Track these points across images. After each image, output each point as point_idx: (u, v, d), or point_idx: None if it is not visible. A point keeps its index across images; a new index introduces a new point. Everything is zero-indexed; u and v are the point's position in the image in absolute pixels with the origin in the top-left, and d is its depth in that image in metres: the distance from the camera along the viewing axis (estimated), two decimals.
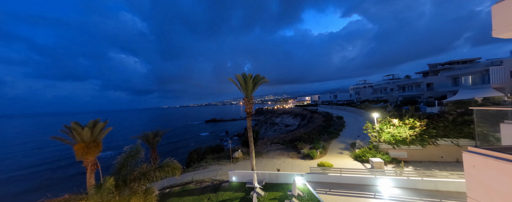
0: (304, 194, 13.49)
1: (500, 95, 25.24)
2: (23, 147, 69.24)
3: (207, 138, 76.05)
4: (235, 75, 17.72)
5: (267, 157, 23.09)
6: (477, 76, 32.58)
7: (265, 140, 34.45)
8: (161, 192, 17.99)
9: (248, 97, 18.07)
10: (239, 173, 17.06)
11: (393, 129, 17.64)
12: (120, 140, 67.71)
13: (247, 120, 18.84)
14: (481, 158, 4.28)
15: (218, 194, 15.21)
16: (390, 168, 16.37)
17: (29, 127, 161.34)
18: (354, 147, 22.08)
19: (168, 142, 67.43)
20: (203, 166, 24.24)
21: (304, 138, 27.83)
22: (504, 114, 5.61)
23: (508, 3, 4.07)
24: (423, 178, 12.95)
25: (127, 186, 8.70)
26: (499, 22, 4.24)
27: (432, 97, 43.87)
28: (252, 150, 18.08)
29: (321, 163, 17.38)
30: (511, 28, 4.06)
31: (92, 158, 17.34)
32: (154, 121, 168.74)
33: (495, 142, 5.53)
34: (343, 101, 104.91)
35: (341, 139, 27.19)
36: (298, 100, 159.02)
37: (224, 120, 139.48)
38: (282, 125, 69.80)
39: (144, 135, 26.56)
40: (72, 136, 16.60)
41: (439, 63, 59.32)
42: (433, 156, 17.30)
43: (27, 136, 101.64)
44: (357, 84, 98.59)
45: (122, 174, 8.88)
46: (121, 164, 9.11)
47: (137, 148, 9.80)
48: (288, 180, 15.55)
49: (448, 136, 16.70)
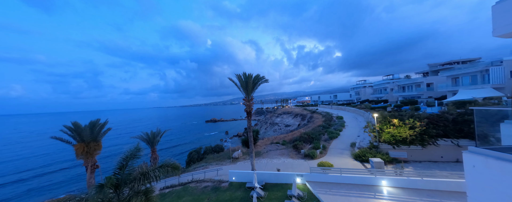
0: (304, 194, 13.49)
1: (500, 96, 25.23)
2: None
3: (207, 138, 76.03)
4: (235, 75, 17.74)
5: (267, 157, 23.09)
6: (477, 76, 32.57)
7: (265, 140, 34.47)
8: (161, 192, 18.01)
9: (248, 97, 18.09)
10: (239, 173, 17.06)
11: (393, 129, 17.63)
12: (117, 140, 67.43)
13: (247, 120, 18.85)
14: (481, 158, 4.29)
15: (218, 194, 15.21)
16: (390, 168, 16.37)
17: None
18: (354, 147, 22.08)
19: (168, 142, 67.41)
20: (203, 166, 24.25)
21: (304, 138, 27.82)
22: (504, 114, 5.60)
23: (508, 3, 4.07)
24: (423, 178, 12.95)
25: (127, 186, 8.70)
26: (499, 22, 4.24)
27: (432, 97, 43.87)
28: (252, 150, 18.10)
29: (321, 163, 17.38)
30: (511, 28, 4.06)
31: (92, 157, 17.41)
32: (154, 121, 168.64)
33: (495, 142, 5.52)
34: (343, 100, 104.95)
35: (341, 139, 27.17)
36: (298, 100, 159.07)
37: (224, 120, 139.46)
38: (282, 125, 69.77)
39: (144, 134, 26.57)
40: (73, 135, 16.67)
41: (439, 63, 59.35)
42: (433, 156, 17.30)
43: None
44: (357, 84, 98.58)
45: (122, 174, 8.88)
46: (121, 164, 9.10)
47: (137, 148, 9.80)
48: (288, 180, 15.55)
49: (448, 136, 16.68)
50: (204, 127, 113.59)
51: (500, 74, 28.82)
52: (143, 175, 8.82)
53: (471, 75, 33.64)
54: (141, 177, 8.72)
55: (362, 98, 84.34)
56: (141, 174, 8.83)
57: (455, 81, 37.51)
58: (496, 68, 29.21)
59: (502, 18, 4.20)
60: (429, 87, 48.46)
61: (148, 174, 8.88)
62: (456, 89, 35.40)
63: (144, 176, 8.80)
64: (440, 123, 17.01)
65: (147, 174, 8.88)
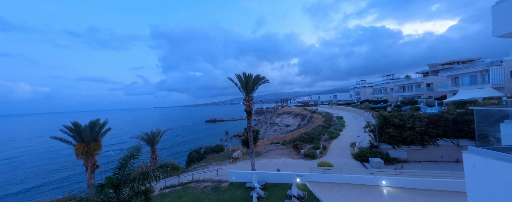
0: (304, 194, 13.49)
1: (500, 96, 25.23)
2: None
3: (207, 138, 76.00)
4: (235, 75, 17.74)
5: (267, 157, 23.09)
6: (477, 76, 32.58)
7: (265, 140, 34.46)
8: (161, 192, 18.01)
9: (248, 97, 18.09)
10: (239, 173, 17.06)
11: (393, 129, 17.63)
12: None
13: (247, 120, 18.85)
14: (481, 158, 4.29)
15: (218, 194, 15.21)
16: (390, 168, 16.37)
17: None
18: (354, 147, 22.08)
19: (168, 142, 67.41)
20: (203, 166, 24.25)
21: (304, 138, 27.82)
22: (504, 114, 5.60)
23: (508, 3, 4.07)
24: (423, 178, 12.95)
25: (127, 186, 8.71)
26: (499, 22, 4.25)
27: (432, 97, 43.88)
28: (252, 150, 18.11)
29: (321, 163, 17.37)
30: (510, 27, 4.06)
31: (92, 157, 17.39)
32: (154, 121, 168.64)
33: (495, 142, 5.52)
34: (343, 100, 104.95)
35: (341, 139, 27.17)
36: (298, 100, 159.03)
37: (224, 120, 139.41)
38: (282, 125, 69.74)
39: (144, 135, 26.58)
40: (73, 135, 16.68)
41: (439, 63, 59.38)
42: (433, 156, 17.29)
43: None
44: (357, 84, 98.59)
45: (122, 174, 8.89)
46: (121, 164, 9.11)
47: (137, 148, 9.80)
48: (288, 180, 15.54)
49: (448, 136, 16.67)
50: (204, 127, 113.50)
51: (500, 74, 28.83)
52: (143, 175, 8.82)
53: (471, 75, 33.65)
54: (141, 177, 8.73)
55: (362, 98, 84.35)
56: (141, 174, 8.83)
57: (455, 81, 37.52)
58: (496, 68, 29.22)
59: (502, 18, 4.20)
60: (429, 87, 48.48)
61: (148, 174, 8.89)
62: (456, 89, 35.41)
63: (144, 176, 8.81)
64: (440, 123, 17.00)
65: (147, 174, 8.89)
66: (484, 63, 32.77)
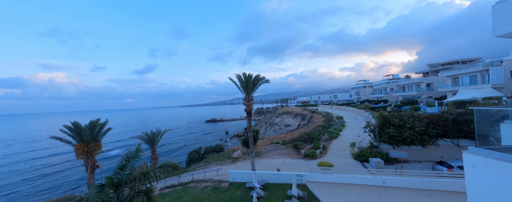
0: (304, 194, 13.49)
1: (500, 96, 25.24)
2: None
3: (207, 138, 75.99)
4: (236, 75, 17.75)
5: (267, 157, 23.09)
6: (477, 76, 32.59)
7: (265, 140, 34.47)
8: (161, 192, 18.02)
9: (248, 97, 18.10)
10: (239, 173, 17.07)
11: (393, 129, 17.64)
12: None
13: (247, 120, 18.86)
14: (481, 158, 4.29)
15: (218, 194, 15.22)
16: (390, 168, 16.37)
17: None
18: (354, 147, 22.08)
19: (169, 142, 67.40)
20: (203, 166, 24.27)
21: (304, 138, 27.82)
22: (504, 114, 5.60)
23: (508, 3, 4.08)
24: (423, 178, 12.95)
25: (128, 186, 8.71)
26: (499, 22, 4.25)
27: (432, 97, 43.90)
28: (252, 150, 18.11)
29: (321, 163, 17.37)
30: (510, 27, 4.07)
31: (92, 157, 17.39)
32: (154, 122, 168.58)
33: (495, 142, 5.51)
34: (343, 100, 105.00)
35: (341, 139, 27.17)
36: (298, 100, 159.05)
37: (224, 120, 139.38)
38: (282, 125, 69.71)
39: (144, 134, 26.57)
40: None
41: (439, 63, 59.40)
42: (433, 156, 17.29)
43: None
44: (357, 84, 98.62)
45: (122, 174, 8.89)
46: (121, 164, 9.11)
47: (137, 148, 9.80)
48: (288, 180, 15.54)
49: (448, 136, 16.69)
50: (204, 127, 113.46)
51: (500, 74, 28.84)
52: (143, 174, 8.84)
53: (471, 75, 33.65)
54: (141, 177, 8.74)
55: (362, 98, 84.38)
56: (142, 174, 8.84)
57: (455, 81, 37.52)
58: (496, 68, 29.23)
59: (502, 18, 4.20)
60: (429, 87, 48.51)
61: (148, 174, 8.90)
62: (456, 89, 35.43)
63: (145, 176, 8.82)
64: (440, 123, 17.01)
65: (147, 174, 8.90)
66: (484, 63, 32.80)
